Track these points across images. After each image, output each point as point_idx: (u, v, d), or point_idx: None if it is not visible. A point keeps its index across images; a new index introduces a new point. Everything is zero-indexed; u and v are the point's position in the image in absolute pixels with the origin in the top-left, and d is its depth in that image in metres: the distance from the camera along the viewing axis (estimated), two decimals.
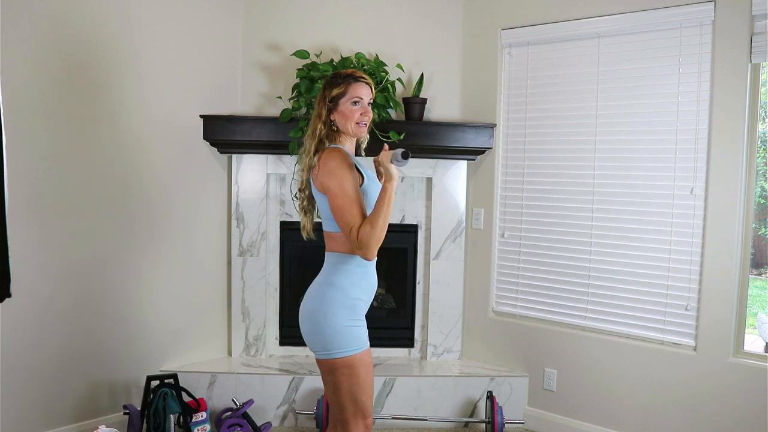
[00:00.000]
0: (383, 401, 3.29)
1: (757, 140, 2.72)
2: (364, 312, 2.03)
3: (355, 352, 1.95)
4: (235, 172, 3.50)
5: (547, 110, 3.29)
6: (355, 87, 2.02)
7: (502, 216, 3.48)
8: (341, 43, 3.46)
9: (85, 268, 2.98)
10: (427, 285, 3.62)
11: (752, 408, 2.66)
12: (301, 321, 2.03)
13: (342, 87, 2.01)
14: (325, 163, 1.94)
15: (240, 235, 3.51)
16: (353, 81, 2.03)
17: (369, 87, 2.06)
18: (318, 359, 1.99)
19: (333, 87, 2.03)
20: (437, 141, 3.38)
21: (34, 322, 2.82)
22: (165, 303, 3.30)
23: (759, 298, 3.38)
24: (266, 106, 3.50)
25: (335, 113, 2.03)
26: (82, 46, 2.90)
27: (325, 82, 2.08)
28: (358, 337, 1.97)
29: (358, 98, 2.01)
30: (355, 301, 1.98)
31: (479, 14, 3.48)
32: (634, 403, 3.01)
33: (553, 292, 3.28)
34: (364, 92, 2.03)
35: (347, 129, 2.03)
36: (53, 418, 2.90)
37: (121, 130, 3.07)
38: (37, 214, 2.81)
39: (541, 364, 3.32)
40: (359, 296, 1.99)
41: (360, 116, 2.02)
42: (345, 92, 2.01)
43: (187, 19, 3.27)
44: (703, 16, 2.77)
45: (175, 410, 2.92)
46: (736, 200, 2.72)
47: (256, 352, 3.56)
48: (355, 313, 1.98)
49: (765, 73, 2.74)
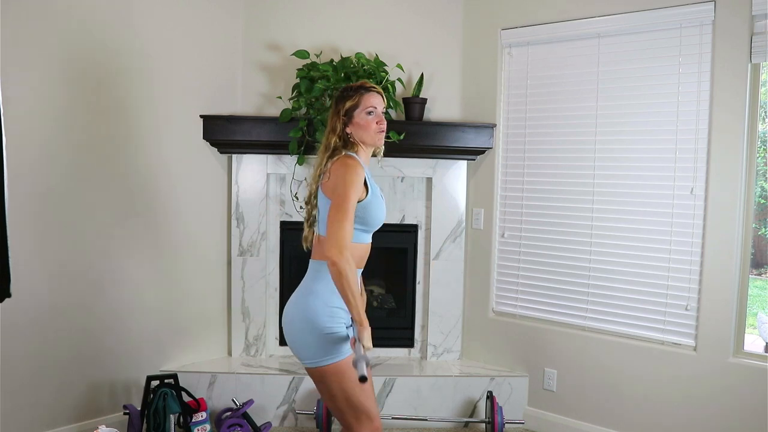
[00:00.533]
0: (383, 401, 3.29)
1: (757, 140, 2.72)
2: (348, 318, 1.99)
3: (341, 358, 1.93)
4: (235, 172, 3.50)
5: (547, 110, 3.29)
6: (367, 97, 2.04)
7: (502, 216, 3.48)
8: (341, 43, 3.46)
9: (85, 268, 2.98)
10: (427, 285, 3.62)
11: (752, 408, 2.66)
12: (285, 331, 2.03)
13: (355, 99, 2.03)
14: (340, 167, 1.94)
15: (240, 235, 3.51)
16: (365, 92, 2.05)
17: (380, 96, 2.08)
18: (307, 368, 1.99)
19: (345, 100, 2.04)
20: (437, 141, 3.38)
21: (34, 322, 2.82)
22: (165, 303, 3.30)
23: (759, 298, 3.38)
24: (266, 106, 3.50)
25: (351, 126, 2.04)
26: (82, 47, 2.90)
27: (336, 97, 2.09)
28: (342, 343, 1.95)
29: (372, 108, 2.03)
30: (334, 309, 1.96)
31: (479, 14, 3.48)
32: (634, 403, 3.01)
33: (553, 292, 3.28)
34: (377, 101, 2.05)
35: (365, 140, 2.04)
36: (53, 418, 2.90)
37: (121, 130, 3.07)
38: (37, 215, 2.81)
39: (541, 364, 3.32)
40: (338, 304, 1.95)
41: (377, 125, 2.03)
42: (358, 104, 2.03)
43: (187, 19, 3.27)
44: (703, 16, 2.77)
45: (175, 410, 2.93)
46: (736, 200, 2.72)
47: (256, 352, 3.56)
48: (336, 321, 1.95)
49: (765, 73, 2.74)
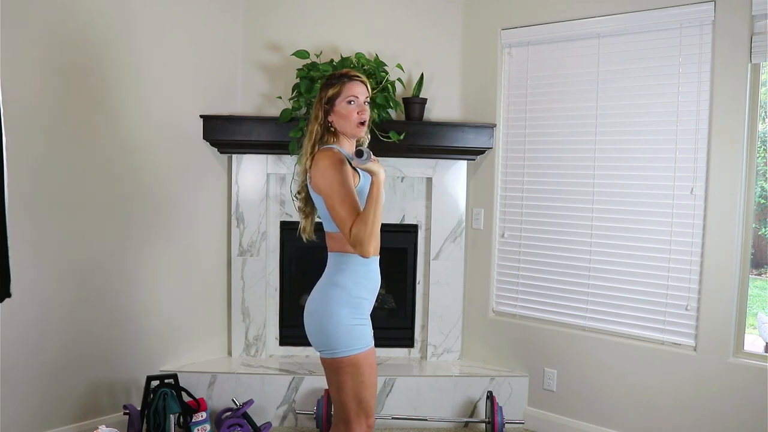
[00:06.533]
0: (383, 401, 3.29)
1: (757, 140, 2.72)
2: (369, 311, 2.04)
3: (359, 351, 1.95)
4: (235, 172, 3.50)
5: (547, 110, 3.29)
6: (349, 86, 2.00)
7: (502, 216, 3.48)
8: (341, 43, 3.46)
9: (85, 269, 2.98)
10: (427, 285, 3.62)
11: (752, 408, 2.66)
12: (305, 321, 2.03)
13: (337, 87, 2.00)
14: (317, 164, 1.94)
15: (240, 235, 3.51)
16: (347, 80, 2.01)
17: (364, 85, 2.04)
18: (323, 358, 2.00)
19: (328, 88, 2.02)
20: (437, 141, 3.38)
21: (34, 322, 2.82)
22: (165, 303, 3.30)
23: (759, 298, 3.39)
24: (266, 106, 3.50)
25: (332, 114, 2.01)
26: (82, 47, 2.90)
27: (321, 84, 2.08)
28: (362, 336, 1.97)
29: (354, 97, 1.99)
30: (359, 300, 1.98)
31: (479, 14, 3.48)
32: (634, 403, 3.01)
33: (553, 292, 3.28)
34: (360, 90, 2.01)
35: (345, 130, 2.01)
36: (53, 418, 2.90)
37: (121, 131, 3.07)
38: (37, 215, 2.81)
39: (541, 364, 3.32)
40: (363, 295, 1.99)
41: (357, 115, 2.00)
42: (340, 92, 2.00)
43: (187, 20, 3.27)
44: (703, 16, 2.77)
45: (175, 410, 2.92)
46: (736, 200, 2.72)
47: (256, 352, 3.56)
48: (360, 312, 1.98)
49: (765, 73, 2.74)
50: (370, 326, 2.03)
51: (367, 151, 1.85)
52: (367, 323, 2.02)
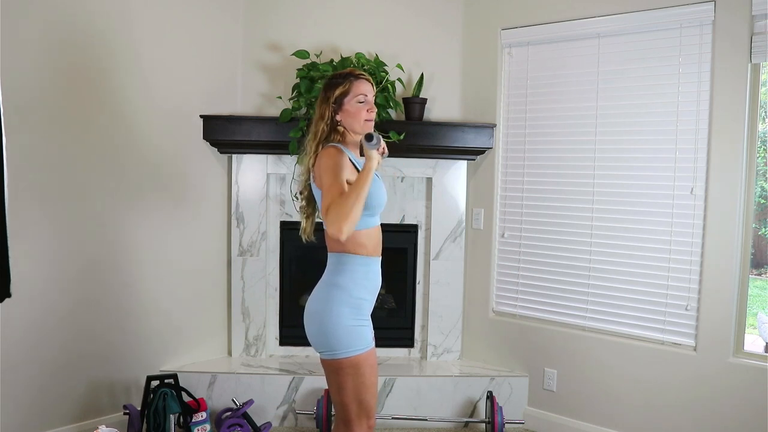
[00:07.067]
0: (383, 401, 3.29)
1: (757, 140, 2.72)
2: (369, 311, 2.03)
3: (360, 352, 1.94)
4: (235, 172, 3.50)
5: (547, 110, 3.29)
6: (357, 84, 2.01)
7: (502, 216, 3.48)
8: (341, 43, 3.46)
9: (85, 268, 2.98)
10: (427, 285, 3.62)
11: (752, 408, 2.66)
12: (306, 322, 2.02)
13: (345, 86, 2.00)
14: (321, 159, 1.94)
15: (240, 235, 3.51)
16: (355, 79, 2.02)
17: (370, 84, 2.06)
18: (323, 359, 1.99)
19: (335, 87, 2.01)
20: (437, 141, 3.38)
21: (34, 322, 2.81)
22: (165, 303, 3.30)
23: (759, 298, 3.39)
24: (266, 106, 3.50)
25: (341, 113, 2.02)
26: (82, 47, 2.90)
27: (324, 84, 2.07)
28: (363, 337, 1.96)
29: (363, 95, 2.01)
30: (359, 301, 1.97)
31: (479, 14, 3.48)
32: (634, 403, 3.01)
33: (553, 292, 3.28)
34: (367, 89, 2.03)
35: (354, 128, 2.02)
36: (53, 418, 2.90)
37: (121, 130, 3.07)
38: (37, 215, 2.81)
39: (541, 364, 3.32)
40: (363, 296, 1.99)
41: (367, 113, 2.01)
42: (348, 90, 2.00)
43: (187, 19, 3.27)
44: (703, 16, 2.77)
45: (175, 410, 2.93)
46: (736, 200, 2.72)
47: (256, 352, 3.56)
48: (360, 313, 1.98)
49: (765, 73, 2.74)
50: (370, 327, 2.03)
51: (376, 136, 1.89)
52: (368, 324, 2.02)
